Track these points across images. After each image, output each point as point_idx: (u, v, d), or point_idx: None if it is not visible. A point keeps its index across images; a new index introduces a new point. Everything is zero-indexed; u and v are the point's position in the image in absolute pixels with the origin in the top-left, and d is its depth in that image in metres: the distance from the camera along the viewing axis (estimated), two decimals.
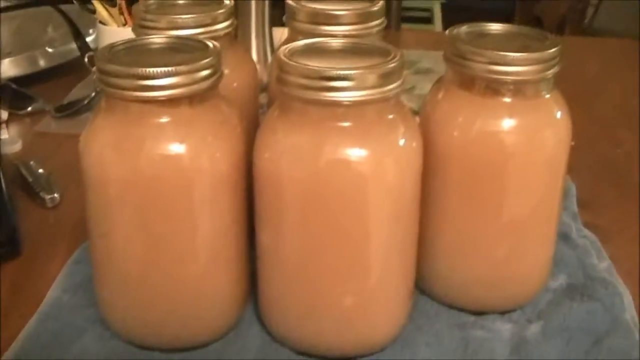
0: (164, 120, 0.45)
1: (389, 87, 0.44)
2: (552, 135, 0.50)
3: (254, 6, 0.87)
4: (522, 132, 0.49)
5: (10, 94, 0.87)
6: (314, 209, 0.45)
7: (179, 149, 0.45)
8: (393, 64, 0.44)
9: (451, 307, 0.54)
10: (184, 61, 0.44)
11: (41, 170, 0.72)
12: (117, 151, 0.45)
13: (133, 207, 0.46)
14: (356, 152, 0.44)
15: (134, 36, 0.52)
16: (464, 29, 0.52)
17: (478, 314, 0.53)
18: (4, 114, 0.85)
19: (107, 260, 0.49)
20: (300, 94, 0.44)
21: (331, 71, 0.43)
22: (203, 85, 0.45)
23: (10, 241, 0.60)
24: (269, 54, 0.90)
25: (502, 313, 0.53)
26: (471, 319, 0.53)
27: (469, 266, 0.53)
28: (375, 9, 0.56)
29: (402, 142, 0.46)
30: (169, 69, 0.43)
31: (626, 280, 0.57)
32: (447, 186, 0.51)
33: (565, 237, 0.61)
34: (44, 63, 0.96)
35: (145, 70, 0.43)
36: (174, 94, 0.44)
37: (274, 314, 0.50)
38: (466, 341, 0.51)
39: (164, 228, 0.46)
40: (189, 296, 0.49)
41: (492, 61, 0.47)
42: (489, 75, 0.48)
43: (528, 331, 0.52)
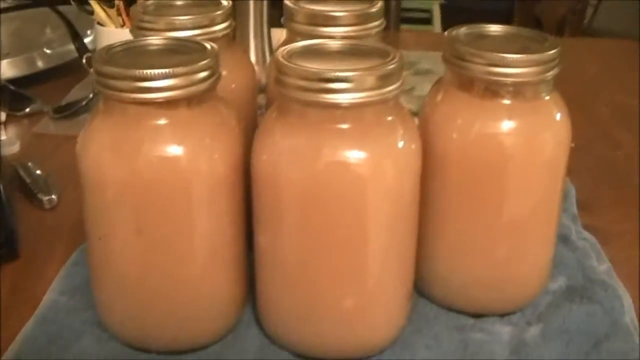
0: (162, 122, 0.44)
1: (388, 89, 0.44)
2: (552, 137, 0.50)
3: (252, 7, 0.87)
4: (521, 134, 0.49)
5: (8, 95, 0.87)
6: (312, 211, 0.45)
7: (176, 150, 0.45)
8: (392, 66, 0.44)
9: (450, 310, 0.54)
10: (181, 63, 0.44)
11: (39, 171, 0.72)
12: (115, 153, 0.45)
13: (131, 209, 0.46)
14: (355, 154, 0.44)
15: (132, 37, 0.52)
16: (463, 30, 0.52)
17: (477, 316, 0.53)
18: (2, 115, 0.85)
19: (104, 262, 0.49)
20: (298, 96, 0.43)
21: (330, 73, 0.42)
22: (201, 87, 0.45)
23: (8, 243, 0.60)
24: (268, 55, 0.90)
25: (502, 315, 0.53)
26: (470, 321, 0.53)
27: (468, 268, 0.53)
28: (374, 10, 0.56)
29: (401, 144, 0.46)
30: (167, 71, 0.43)
31: (626, 282, 0.57)
32: (446, 188, 0.51)
33: (564, 239, 0.61)
34: (42, 64, 0.96)
35: (143, 72, 0.43)
36: (172, 95, 0.44)
37: (272, 316, 0.50)
38: (465, 344, 0.51)
39: (162, 230, 0.46)
40: (187, 298, 0.48)
41: (492, 63, 0.47)
42: (488, 77, 0.48)
43: (527, 334, 0.52)
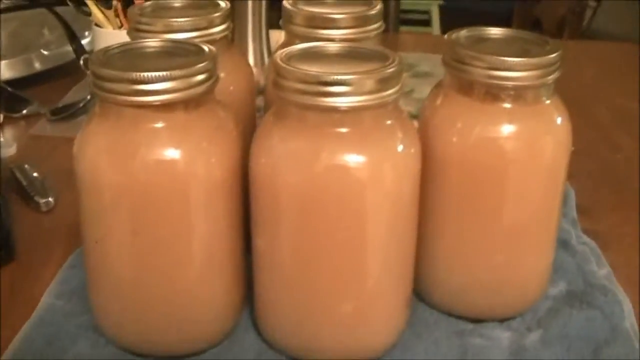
0: (159, 125, 0.44)
1: (387, 93, 0.43)
2: (552, 142, 0.50)
3: (250, 9, 0.87)
4: (521, 138, 0.48)
5: (5, 96, 0.87)
6: (310, 214, 0.45)
7: (173, 154, 0.44)
8: (391, 69, 0.43)
9: (450, 315, 0.53)
10: (179, 65, 0.44)
11: (36, 173, 0.71)
12: (112, 157, 0.45)
13: (128, 212, 0.45)
14: (354, 158, 0.43)
15: (130, 39, 0.51)
16: (463, 33, 0.51)
17: (477, 321, 0.53)
18: None
19: (101, 266, 0.48)
20: (297, 99, 0.43)
21: (328, 76, 0.42)
22: (198, 90, 0.44)
23: (4, 245, 0.60)
24: (266, 57, 0.90)
25: (501, 321, 0.53)
26: (470, 326, 0.53)
27: (467, 272, 0.52)
28: (373, 12, 0.56)
29: (400, 147, 0.45)
30: (164, 74, 0.43)
31: (626, 287, 0.57)
32: (446, 192, 0.51)
33: (564, 244, 0.61)
34: (39, 65, 0.95)
35: (140, 74, 0.42)
36: (169, 98, 0.43)
37: (270, 320, 0.50)
38: (465, 349, 0.50)
39: (159, 234, 0.46)
40: (184, 302, 0.48)
41: (492, 66, 0.47)
42: (488, 81, 0.47)
43: (527, 339, 0.51)
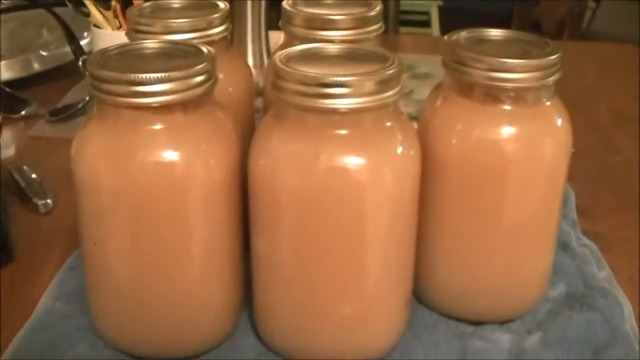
0: (157, 127, 0.44)
1: (387, 94, 0.43)
2: (553, 143, 0.50)
3: (249, 10, 0.87)
4: (522, 140, 0.48)
5: (4, 97, 0.87)
6: (310, 216, 0.45)
7: (172, 156, 0.44)
8: (391, 71, 0.43)
9: (450, 317, 0.53)
10: (177, 67, 0.44)
11: (34, 175, 0.71)
12: (110, 158, 0.45)
13: (126, 214, 0.45)
14: (353, 160, 0.43)
15: (128, 40, 0.51)
16: (463, 34, 0.51)
17: (477, 324, 0.53)
18: None
19: (99, 268, 0.48)
20: (296, 101, 0.43)
21: (328, 78, 0.42)
22: (197, 91, 0.44)
23: (2, 247, 0.60)
24: (265, 58, 0.90)
25: (501, 323, 0.53)
26: (470, 329, 0.52)
27: (467, 274, 0.52)
28: (373, 13, 0.56)
29: (400, 149, 0.45)
30: (162, 75, 0.42)
31: (626, 289, 0.57)
32: (446, 194, 0.50)
33: (564, 246, 0.61)
34: (38, 66, 0.95)
35: (138, 76, 0.42)
36: (168, 100, 0.43)
37: (269, 322, 0.50)
38: (464, 351, 0.50)
39: (158, 236, 0.46)
40: (183, 304, 0.48)
41: (492, 68, 0.47)
42: (488, 82, 0.47)
43: (527, 342, 0.51)
